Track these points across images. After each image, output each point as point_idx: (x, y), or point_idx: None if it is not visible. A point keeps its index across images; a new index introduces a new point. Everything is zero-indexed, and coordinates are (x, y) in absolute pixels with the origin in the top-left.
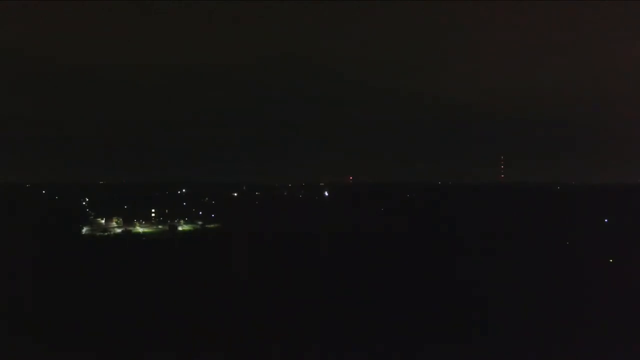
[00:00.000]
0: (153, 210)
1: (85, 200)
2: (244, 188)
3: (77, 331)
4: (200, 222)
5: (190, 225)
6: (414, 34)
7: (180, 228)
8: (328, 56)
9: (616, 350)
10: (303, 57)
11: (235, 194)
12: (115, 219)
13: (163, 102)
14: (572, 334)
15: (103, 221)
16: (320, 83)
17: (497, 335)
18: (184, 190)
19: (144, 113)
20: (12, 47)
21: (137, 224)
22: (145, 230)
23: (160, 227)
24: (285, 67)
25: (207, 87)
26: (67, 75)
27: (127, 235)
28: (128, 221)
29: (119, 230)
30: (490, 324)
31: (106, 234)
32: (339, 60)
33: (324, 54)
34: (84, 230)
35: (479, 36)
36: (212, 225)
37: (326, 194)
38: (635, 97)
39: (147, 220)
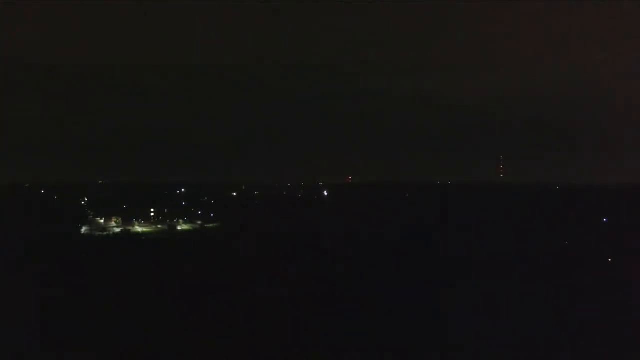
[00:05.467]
0: (152, 210)
1: (84, 200)
2: (244, 188)
3: (77, 331)
4: (199, 222)
5: (189, 225)
6: (414, 34)
7: (179, 228)
8: (328, 56)
9: (615, 350)
10: (303, 57)
11: (235, 194)
12: (114, 219)
13: (163, 102)
14: (571, 334)
15: (102, 221)
16: (320, 83)
17: (494, 336)
18: (183, 190)
19: (143, 113)
20: (13, 48)
21: (137, 223)
22: (145, 230)
23: (159, 226)
24: (285, 67)
25: (207, 87)
26: (67, 76)
27: (126, 234)
28: (127, 221)
29: (118, 230)
30: (488, 324)
31: (105, 233)
32: (339, 60)
33: (324, 54)
34: (83, 229)
35: (479, 36)
36: (211, 225)
37: (325, 193)
38: (635, 97)
39: (147, 220)
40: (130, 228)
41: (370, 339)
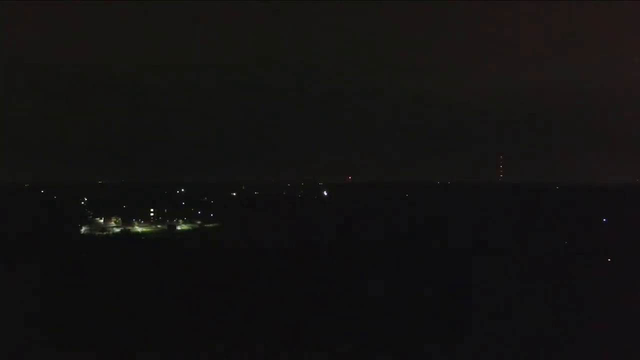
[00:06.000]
0: (152, 210)
1: (84, 200)
2: (244, 188)
3: (76, 331)
4: (199, 222)
5: (189, 225)
6: (414, 34)
7: (179, 227)
8: (328, 56)
9: (615, 349)
10: (303, 57)
11: (235, 194)
12: (114, 219)
13: (163, 102)
14: (571, 334)
15: (102, 221)
16: (320, 83)
17: (494, 336)
18: (182, 190)
19: (143, 113)
20: (12, 48)
21: (136, 223)
22: (144, 229)
23: (159, 226)
24: (284, 67)
25: (207, 87)
26: (67, 76)
27: (126, 234)
28: (127, 221)
29: (117, 230)
30: (487, 324)
31: (105, 233)
32: (339, 60)
33: (324, 54)
34: (83, 229)
35: (479, 36)
36: (211, 225)
37: (325, 193)
38: (635, 97)
39: (146, 219)
40: (130, 228)
41: (370, 338)
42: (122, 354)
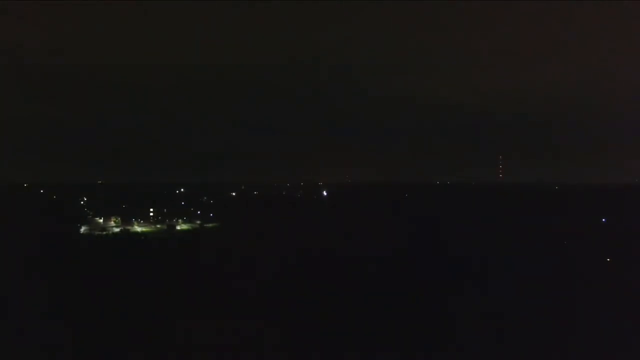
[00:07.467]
0: (152, 210)
1: (83, 200)
2: (243, 188)
3: (75, 330)
4: (198, 222)
5: (188, 225)
6: (414, 36)
7: (178, 227)
8: (328, 58)
9: (614, 349)
10: (303, 58)
11: (234, 194)
12: (113, 219)
13: (163, 102)
14: (570, 334)
15: (101, 220)
16: (320, 83)
17: (493, 336)
18: (182, 190)
19: (143, 113)
20: (13, 48)
21: (136, 223)
22: (144, 229)
23: (158, 226)
24: (285, 68)
25: (208, 88)
26: (67, 76)
27: (126, 234)
28: (127, 220)
29: (117, 230)
30: (486, 325)
31: (104, 233)
32: (339, 61)
33: (324, 56)
34: (82, 229)
35: (479, 37)
36: (210, 225)
37: (325, 193)
38: (635, 97)
39: (146, 219)
40: (129, 228)
41: (371, 339)
42: (121, 353)
